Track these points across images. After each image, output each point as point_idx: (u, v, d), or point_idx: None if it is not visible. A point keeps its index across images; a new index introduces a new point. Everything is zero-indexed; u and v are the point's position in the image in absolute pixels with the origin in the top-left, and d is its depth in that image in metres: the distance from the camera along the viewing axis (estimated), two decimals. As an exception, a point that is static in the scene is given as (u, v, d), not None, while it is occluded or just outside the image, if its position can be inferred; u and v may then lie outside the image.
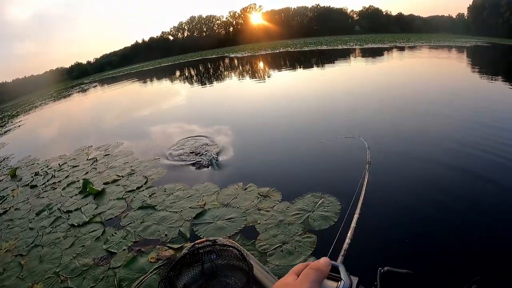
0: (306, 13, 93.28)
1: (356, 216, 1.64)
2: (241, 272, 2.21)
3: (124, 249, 4.10)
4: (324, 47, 41.19)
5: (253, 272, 2.15)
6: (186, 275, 2.29)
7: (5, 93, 64.36)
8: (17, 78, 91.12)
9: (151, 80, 32.53)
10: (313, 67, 23.43)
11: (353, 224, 1.58)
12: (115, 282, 3.60)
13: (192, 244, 2.60)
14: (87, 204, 5.52)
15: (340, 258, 1.17)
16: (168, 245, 4.01)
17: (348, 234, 1.51)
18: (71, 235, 4.77)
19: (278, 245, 3.61)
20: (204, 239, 2.60)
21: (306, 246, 3.55)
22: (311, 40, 59.97)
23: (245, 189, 5.02)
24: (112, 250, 4.15)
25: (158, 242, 4.12)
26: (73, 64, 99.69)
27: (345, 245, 1.44)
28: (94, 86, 36.38)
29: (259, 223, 4.07)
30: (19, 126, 18.93)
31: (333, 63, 24.75)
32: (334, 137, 6.18)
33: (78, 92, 34.44)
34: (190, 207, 4.72)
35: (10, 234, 5.42)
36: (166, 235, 4.19)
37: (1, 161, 10.84)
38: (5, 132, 17.92)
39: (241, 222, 4.14)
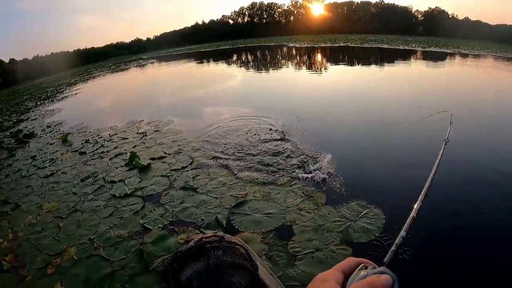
0: (369, 8, 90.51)
1: (417, 205, 1.32)
2: (246, 272, 2.10)
3: (160, 227, 4.08)
4: (385, 46, 39.62)
5: (257, 273, 2.05)
6: (190, 268, 2.17)
7: (65, 62, 67.76)
8: (78, 48, 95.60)
9: (208, 62, 32.91)
10: (375, 64, 22.47)
11: (412, 214, 1.27)
12: (145, 257, 3.59)
13: (199, 238, 2.50)
14: (131, 177, 5.59)
15: (389, 254, 0.91)
16: (201, 229, 3.91)
17: (404, 226, 1.19)
18: (111, 205, 4.84)
19: (310, 250, 3.37)
20: (212, 234, 2.48)
21: (339, 258, 3.26)
22: (372, 37, 57.96)
23: (290, 186, 4.78)
24: (148, 226, 4.16)
25: (193, 225, 4.05)
26: (133, 39, 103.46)
27: (398, 239, 1.14)
28: (152, 63, 37.40)
29: (297, 223, 3.84)
30: (75, 94, 19.90)
31: (394, 62, 23.65)
32: (401, 125, 5.75)
33: (136, 66, 35.58)
34: (231, 195, 4.59)
35: (53, 196, 5.65)
36: (202, 219, 4.11)
37: (55, 126, 11.46)
38: (62, 98, 18.95)
39: (279, 220, 3.92)
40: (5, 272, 4.12)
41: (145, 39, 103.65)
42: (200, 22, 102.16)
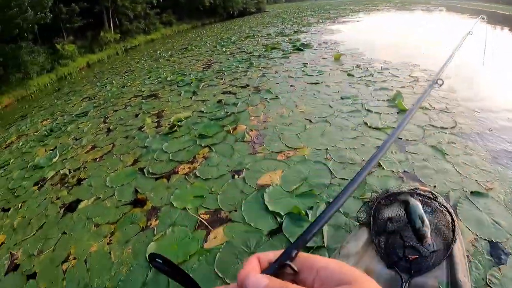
0: None
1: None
2: (443, 241, 2.17)
3: (392, 170, 4.19)
4: None
5: (452, 247, 2.07)
6: (393, 210, 2.41)
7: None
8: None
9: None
10: None
11: None
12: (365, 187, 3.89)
13: (414, 187, 2.48)
14: (388, 113, 5.84)
15: None
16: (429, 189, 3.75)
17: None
18: (359, 131, 5.29)
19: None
20: (428, 189, 2.44)
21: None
22: None
23: None
24: (382, 164, 4.30)
25: (424, 187, 3.95)
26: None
27: None
28: (440, 10, 34.71)
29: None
30: (356, 21, 21.24)
31: None
32: None
33: (422, 10, 33.82)
34: (476, 180, 4.09)
35: (311, 102, 6.79)
36: (435, 186, 3.92)
37: (331, 44, 12.93)
38: (343, 22, 20.67)
39: (503, 236, 3.13)
40: (243, 142, 5.44)
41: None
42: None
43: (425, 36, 13.60)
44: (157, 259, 0.89)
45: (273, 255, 0.52)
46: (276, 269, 0.49)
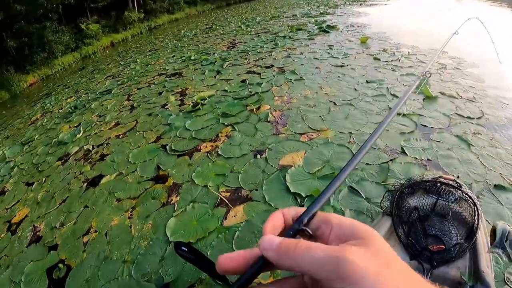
0: None
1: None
2: (466, 230, 2.14)
3: (415, 157, 4.12)
4: None
5: (476, 236, 2.06)
6: (417, 198, 2.38)
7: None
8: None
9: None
10: None
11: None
12: (386, 173, 3.86)
13: (438, 176, 2.45)
14: (414, 99, 5.73)
15: None
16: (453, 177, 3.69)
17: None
18: (384, 116, 5.02)
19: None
20: (452, 177, 2.41)
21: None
22: None
23: None
24: (406, 151, 4.22)
25: (447, 176, 3.87)
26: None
27: None
28: None
29: None
30: (384, 4, 20.71)
31: None
32: None
33: None
34: (500, 174, 3.99)
35: (335, 84, 6.68)
36: (458, 176, 3.80)
37: (358, 26, 12.74)
38: (370, 5, 20.17)
39: None
40: (266, 122, 5.46)
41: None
42: None
43: (454, 20, 13.25)
44: (182, 247, 0.91)
45: (294, 212, 0.57)
46: (291, 236, 0.53)
